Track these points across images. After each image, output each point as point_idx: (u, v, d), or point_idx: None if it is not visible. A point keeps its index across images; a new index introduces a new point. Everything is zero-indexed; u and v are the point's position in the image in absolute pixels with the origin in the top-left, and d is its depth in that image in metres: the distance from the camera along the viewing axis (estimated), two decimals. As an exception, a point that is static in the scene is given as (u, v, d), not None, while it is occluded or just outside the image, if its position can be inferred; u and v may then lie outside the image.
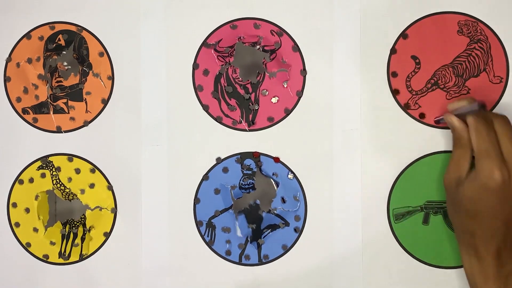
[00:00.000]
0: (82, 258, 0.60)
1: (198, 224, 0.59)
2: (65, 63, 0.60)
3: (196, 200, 0.59)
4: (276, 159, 0.58)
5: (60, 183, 0.60)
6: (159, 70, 0.59)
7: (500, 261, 0.50)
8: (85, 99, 0.60)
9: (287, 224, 0.58)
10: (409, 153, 0.57)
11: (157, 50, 0.59)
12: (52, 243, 0.60)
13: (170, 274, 0.59)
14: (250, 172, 0.59)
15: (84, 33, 0.60)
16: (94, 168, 0.60)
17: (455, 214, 0.52)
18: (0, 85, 0.61)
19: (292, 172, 0.58)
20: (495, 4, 0.56)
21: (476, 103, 0.51)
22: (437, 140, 0.57)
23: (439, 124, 0.56)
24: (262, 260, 0.59)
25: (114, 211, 0.60)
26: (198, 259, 0.59)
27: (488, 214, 0.49)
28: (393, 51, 0.57)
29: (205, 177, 0.59)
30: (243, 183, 0.59)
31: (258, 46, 0.58)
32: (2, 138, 0.61)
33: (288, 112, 0.58)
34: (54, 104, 0.60)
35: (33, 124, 0.60)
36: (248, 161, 0.59)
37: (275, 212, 0.58)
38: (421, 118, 0.57)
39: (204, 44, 0.59)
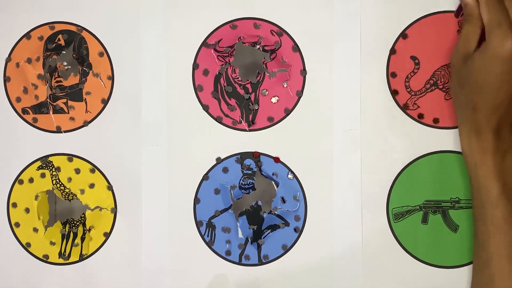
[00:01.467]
0: (82, 258, 0.60)
1: (198, 224, 0.59)
2: (65, 63, 0.60)
3: (196, 200, 0.59)
4: (276, 159, 0.58)
5: (60, 183, 0.60)
6: (159, 70, 0.59)
7: (499, 136, 0.50)
8: (85, 99, 0.60)
9: (287, 224, 0.58)
10: (408, 153, 0.57)
11: (157, 50, 0.59)
12: (52, 243, 0.60)
13: (170, 274, 0.59)
14: (250, 172, 0.59)
15: (84, 33, 0.60)
16: (94, 168, 0.60)
17: (460, 90, 0.52)
18: (0, 85, 0.60)
19: (292, 172, 0.58)
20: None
21: None
22: (435, 140, 0.57)
23: (458, 16, 0.56)
24: (262, 260, 0.59)
25: (114, 211, 0.60)
26: (198, 259, 0.59)
27: (494, 85, 0.49)
28: (392, 51, 0.57)
29: (205, 177, 0.59)
30: (243, 183, 0.59)
31: (258, 46, 0.58)
32: (2, 138, 0.60)
33: (288, 112, 0.58)
34: (54, 104, 0.60)
35: (33, 124, 0.60)
36: (248, 161, 0.59)
37: (275, 212, 0.59)
38: (419, 118, 0.57)
39: (204, 44, 0.59)
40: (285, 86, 0.58)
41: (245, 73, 0.59)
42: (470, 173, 0.52)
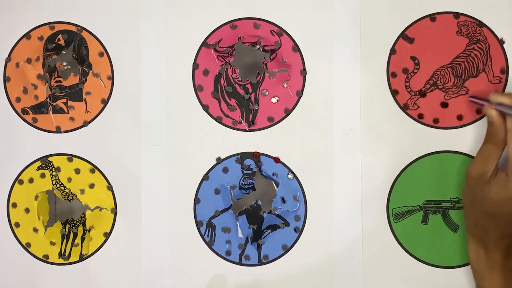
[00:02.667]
0: (82, 258, 0.60)
1: (198, 224, 0.59)
2: (65, 63, 0.60)
3: (196, 200, 0.59)
4: (276, 159, 0.58)
5: (60, 183, 0.60)
6: (159, 70, 0.59)
7: (508, 254, 0.50)
8: (85, 99, 0.60)
9: (287, 224, 0.58)
10: (408, 153, 0.57)
11: (157, 50, 0.59)
12: (52, 243, 0.60)
13: (170, 274, 0.59)
14: (250, 172, 0.59)
15: (84, 33, 0.60)
16: (94, 168, 0.60)
17: (471, 207, 0.52)
18: (0, 85, 0.60)
19: (292, 172, 0.58)
20: (495, 5, 0.56)
21: None
22: (435, 140, 0.57)
23: (472, 101, 0.55)
24: (262, 260, 0.59)
25: (114, 211, 0.60)
26: (198, 259, 0.59)
27: (507, 220, 0.49)
28: (392, 51, 0.57)
29: (205, 177, 0.59)
30: (243, 183, 0.59)
31: (258, 46, 0.58)
32: (2, 138, 0.60)
33: (288, 112, 0.58)
34: (54, 104, 0.60)
35: (33, 124, 0.60)
36: (248, 161, 0.59)
37: (276, 212, 0.59)
38: (419, 118, 0.57)
39: (204, 44, 0.59)
40: (285, 86, 0.58)
41: (245, 73, 0.58)
42: (476, 282, 0.53)
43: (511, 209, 0.48)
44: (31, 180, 0.60)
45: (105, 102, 0.60)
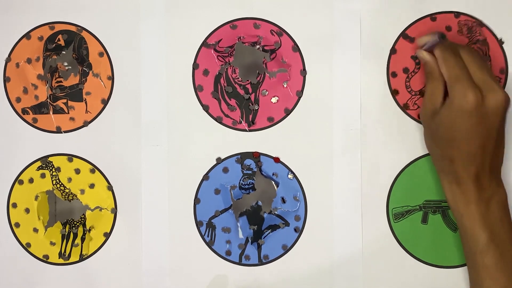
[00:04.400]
0: (82, 258, 0.60)
1: (198, 224, 0.59)
2: (65, 63, 0.60)
3: (196, 200, 0.59)
4: (276, 159, 0.58)
5: (60, 183, 0.60)
6: (159, 70, 0.59)
7: (480, 185, 0.51)
8: (85, 99, 0.60)
9: (287, 224, 0.58)
10: (408, 153, 0.58)
11: (157, 50, 0.59)
12: (52, 243, 0.60)
13: (170, 274, 0.59)
14: (250, 172, 0.59)
15: (84, 33, 0.60)
16: (94, 168, 0.60)
17: (433, 144, 0.54)
18: (0, 85, 0.60)
19: (292, 172, 0.58)
20: (495, 5, 0.56)
21: (436, 35, 0.52)
22: (436, 140, 0.57)
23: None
24: (262, 260, 0.59)
25: (114, 211, 0.60)
26: (198, 259, 0.59)
27: (464, 138, 0.50)
28: (393, 51, 0.57)
29: (205, 177, 0.59)
30: (243, 183, 0.59)
31: (258, 46, 0.58)
32: (2, 138, 0.60)
33: (288, 112, 0.58)
34: (54, 104, 0.60)
35: (33, 124, 0.60)
36: (248, 161, 0.59)
37: (276, 212, 0.59)
38: (419, 118, 0.57)
39: (204, 44, 0.59)
40: (285, 86, 0.58)
41: (245, 73, 0.59)
42: (456, 221, 0.53)
43: (463, 123, 0.49)
44: (31, 180, 0.60)
45: (105, 102, 0.60)
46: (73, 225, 0.61)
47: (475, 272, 0.52)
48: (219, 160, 0.59)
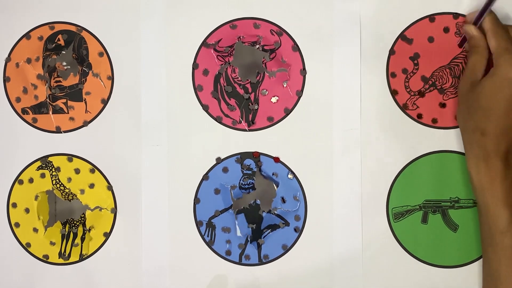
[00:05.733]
0: (82, 258, 0.60)
1: (198, 224, 0.59)
2: (65, 63, 0.60)
3: (196, 200, 0.59)
4: (276, 159, 0.58)
5: (60, 183, 0.60)
6: (159, 70, 0.59)
7: (508, 163, 0.50)
8: (85, 99, 0.60)
9: (287, 224, 0.58)
10: (408, 152, 0.58)
11: (157, 50, 0.59)
12: (52, 243, 0.60)
13: (170, 274, 0.59)
14: (250, 172, 0.59)
15: (83, 33, 0.60)
16: (94, 168, 0.60)
17: (468, 117, 0.52)
18: (0, 85, 0.60)
19: (292, 172, 0.58)
20: (494, 6, 0.56)
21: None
22: (434, 140, 0.57)
23: (462, 46, 0.57)
24: (262, 260, 0.59)
25: (114, 211, 0.60)
26: (198, 259, 0.59)
27: (503, 109, 0.50)
28: (392, 52, 0.57)
29: (205, 177, 0.59)
30: (243, 183, 0.59)
31: (257, 46, 0.58)
32: (2, 138, 0.60)
33: (288, 112, 0.58)
34: (54, 104, 0.60)
35: (33, 124, 0.60)
36: (248, 161, 0.59)
37: (275, 212, 0.59)
38: (419, 118, 0.57)
39: (204, 44, 0.59)
40: (285, 86, 0.58)
41: (244, 73, 0.59)
42: (477, 199, 0.52)
43: (505, 96, 0.49)
44: (31, 180, 0.60)
45: (105, 102, 0.60)
46: (73, 225, 0.61)
47: (493, 252, 0.51)
48: (219, 160, 0.59)
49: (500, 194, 0.50)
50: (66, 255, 0.60)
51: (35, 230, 0.60)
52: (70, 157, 0.60)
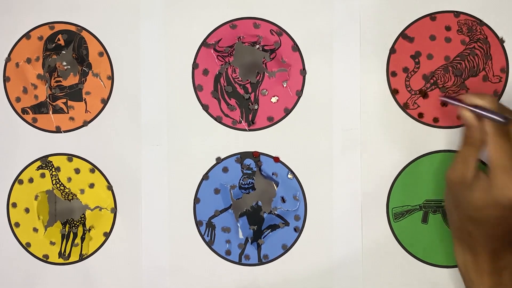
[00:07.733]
0: (82, 258, 0.60)
1: (198, 224, 0.59)
2: (65, 63, 0.60)
3: (196, 200, 0.59)
4: (276, 159, 0.58)
5: (60, 183, 0.60)
6: (159, 70, 0.59)
7: (495, 257, 0.49)
8: (85, 99, 0.60)
9: (287, 224, 0.58)
10: (408, 152, 0.57)
11: (157, 49, 0.59)
12: (52, 243, 0.60)
13: (170, 274, 0.59)
14: (250, 172, 0.59)
15: (83, 33, 0.60)
16: (94, 168, 0.60)
17: (455, 212, 0.51)
18: (0, 85, 0.60)
19: (292, 172, 0.58)
20: (495, 4, 0.56)
21: (500, 116, 0.47)
22: (435, 139, 0.57)
23: (444, 104, 0.55)
24: (262, 260, 0.59)
25: (114, 211, 0.60)
26: (198, 259, 0.59)
27: (492, 223, 0.48)
28: (392, 50, 0.57)
29: (205, 176, 0.59)
30: (243, 183, 0.59)
31: (257, 46, 0.58)
32: (2, 138, 0.60)
33: (288, 112, 0.58)
34: (54, 104, 0.60)
35: (33, 124, 0.60)
36: (248, 161, 0.59)
37: (275, 212, 0.59)
38: (419, 117, 0.57)
39: (204, 43, 0.59)
40: (284, 85, 0.58)
41: (245, 73, 0.59)
42: (463, 278, 0.52)
43: (494, 212, 0.47)
44: (31, 180, 0.60)
45: (105, 102, 0.60)
46: (73, 224, 0.61)
47: None
48: (218, 160, 0.59)
49: (487, 286, 0.50)
50: (66, 255, 0.60)
51: (35, 230, 0.60)
52: (70, 157, 0.60)
